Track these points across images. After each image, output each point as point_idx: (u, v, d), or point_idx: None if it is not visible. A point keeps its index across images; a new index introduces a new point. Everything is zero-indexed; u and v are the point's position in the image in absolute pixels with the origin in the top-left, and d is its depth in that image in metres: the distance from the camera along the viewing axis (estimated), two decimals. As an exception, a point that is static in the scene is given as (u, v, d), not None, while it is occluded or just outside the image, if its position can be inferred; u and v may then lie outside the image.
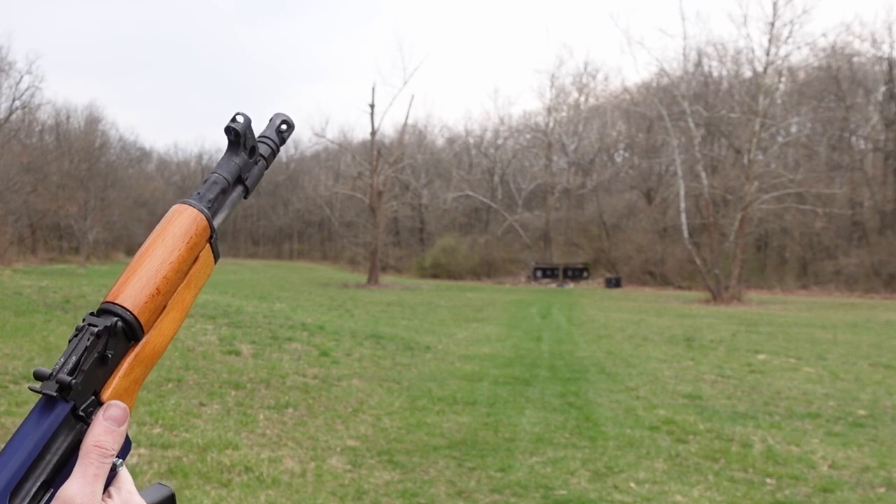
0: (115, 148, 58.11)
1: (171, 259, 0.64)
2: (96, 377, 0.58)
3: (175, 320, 0.65)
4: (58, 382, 0.56)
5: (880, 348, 13.11)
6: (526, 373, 9.66)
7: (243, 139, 0.72)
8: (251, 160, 0.73)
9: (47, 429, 0.55)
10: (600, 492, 4.97)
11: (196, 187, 0.70)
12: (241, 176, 0.73)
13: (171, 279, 0.63)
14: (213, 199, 0.69)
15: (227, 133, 0.71)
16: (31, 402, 4.14)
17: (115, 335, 0.60)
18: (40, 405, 0.56)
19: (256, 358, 9.77)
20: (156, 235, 0.65)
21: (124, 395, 0.60)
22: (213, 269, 0.70)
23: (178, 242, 0.64)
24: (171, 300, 0.64)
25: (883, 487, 5.26)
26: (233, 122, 0.71)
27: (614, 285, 36.95)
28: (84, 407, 0.57)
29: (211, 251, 0.69)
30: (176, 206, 0.67)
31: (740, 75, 34.74)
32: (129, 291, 0.61)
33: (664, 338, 14.18)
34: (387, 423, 6.66)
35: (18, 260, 36.21)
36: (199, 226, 0.66)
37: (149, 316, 0.62)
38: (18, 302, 15.61)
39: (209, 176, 0.71)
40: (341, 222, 52.17)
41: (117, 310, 0.61)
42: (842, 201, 35.35)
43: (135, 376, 0.62)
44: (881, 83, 37.96)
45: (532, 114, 53.55)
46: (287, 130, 0.77)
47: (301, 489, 4.80)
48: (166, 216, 0.66)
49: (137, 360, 0.61)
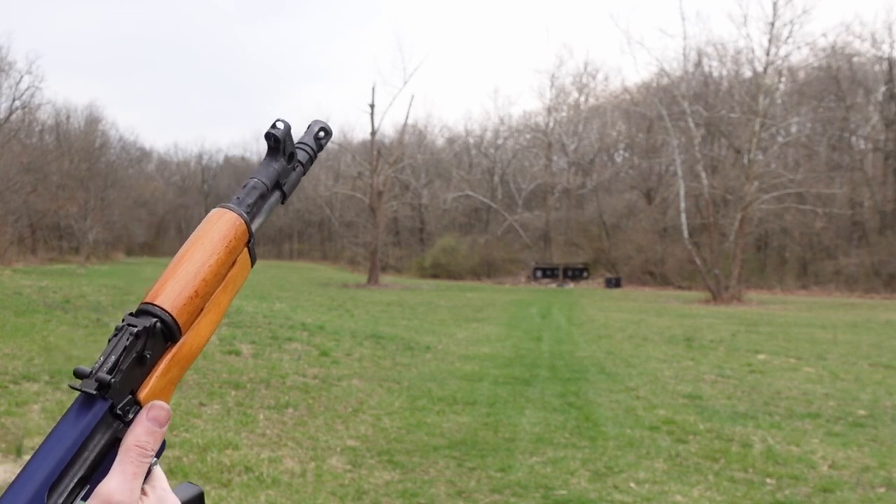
0: (115, 148, 58.11)
1: (210, 262, 0.65)
2: (134, 377, 0.59)
3: (212, 322, 0.66)
4: (97, 381, 0.56)
5: (880, 348, 13.11)
6: (526, 373, 9.66)
7: (282, 145, 0.73)
8: (289, 166, 0.74)
9: (85, 426, 0.55)
10: (600, 492, 4.97)
11: (235, 191, 0.72)
12: (279, 181, 0.74)
13: (209, 282, 0.64)
14: (252, 203, 0.70)
15: (266, 139, 0.72)
16: (31, 401, 4.18)
17: (154, 336, 0.60)
18: (79, 403, 0.57)
19: (256, 358, 9.77)
20: (195, 238, 0.66)
21: (160, 394, 0.61)
22: (249, 272, 0.71)
23: (217, 246, 0.65)
24: (209, 303, 0.65)
25: (883, 487, 5.26)
26: (273, 128, 0.72)
27: (614, 285, 36.94)
28: (121, 405, 0.58)
29: (248, 255, 0.70)
30: (216, 209, 0.68)
31: (740, 75, 34.74)
32: (168, 293, 0.62)
33: (664, 338, 14.18)
34: (387, 423, 6.66)
35: (18, 260, 36.21)
36: (238, 230, 0.67)
37: (186, 318, 0.63)
38: (18, 302, 15.61)
39: (248, 181, 0.72)
40: (341, 222, 52.17)
41: (156, 311, 0.61)
42: (842, 201, 35.34)
43: (171, 377, 0.62)
44: (881, 83, 37.95)
45: (532, 114, 53.57)
46: (325, 137, 0.78)
47: (301, 489, 4.80)
48: (206, 219, 0.67)
49: (174, 360, 0.62)
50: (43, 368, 7.99)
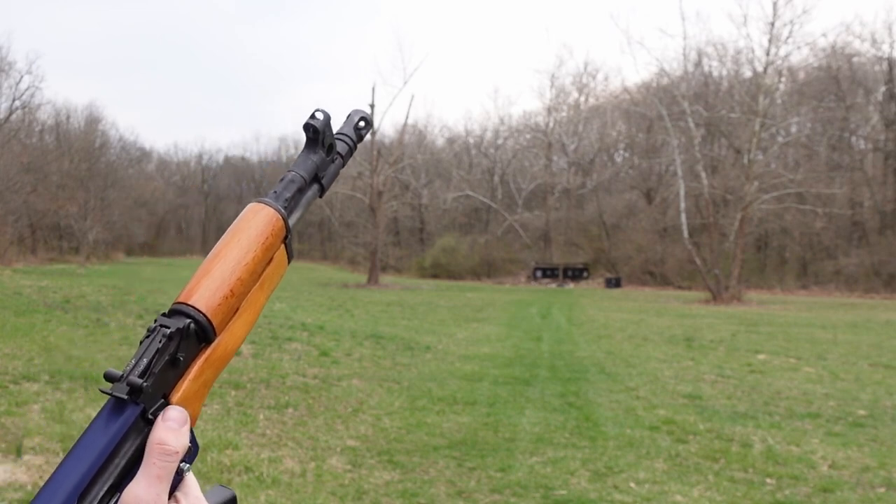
0: (115, 148, 58.09)
1: (247, 260, 0.62)
2: (167, 380, 0.57)
3: (247, 322, 0.63)
4: (129, 385, 0.54)
5: (880, 348, 13.11)
6: (526, 373, 9.66)
7: (322, 137, 0.69)
8: (328, 158, 0.71)
9: (116, 432, 0.53)
10: (600, 492, 4.97)
11: (272, 185, 0.68)
12: (317, 174, 0.71)
13: (245, 281, 0.62)
14: (290, 198, 0.67)
15: (305, 130, 0.69)
16: (31, 401, 4.18)
17: (187, 337, 0.58)
18: (109, 407, 0.55)
19: (256, 358, 9.77)
20: (230, 235, 0.63)
21: (193, 398, 0.59)
22: (286, 270, 0.68)
23: (253, 243, 0.62)
24: (244, 302, 0.63)
25: (883, 487, 5.26)
26: (312, 118, 0.69)
27: (614, 285, 36.94)
28: (153, 410, 0.56)
29: (285, 252, 0.67)
30: (252, 204, 0.65)
31: (740, 75, 34.74)
32: (203, 292, 0.59)
33: (664, 338, 14.18)
34: (387, 423, 6.66)
35: (18, 260, 36.21)
36: (276, 226, 0.64)
37: (221, 318, 0.60)
38: (18, 302, 15.61)
39: (286, 174, 0.69)
40: (341, 222, 52.14)
41: (190, 311, 0.59)
42: (842, 201, 35.35)
43: (205, 379, 0.60)
44: (881, 83, 37.96)
45: (532, 114, 53.57)
46: (365, 128, 0.75)
47: (301, 489, 4.80)
48: (241, 215, 0.64)
49: (208, 362, 0.60)
50: (43, 368, 7.98)
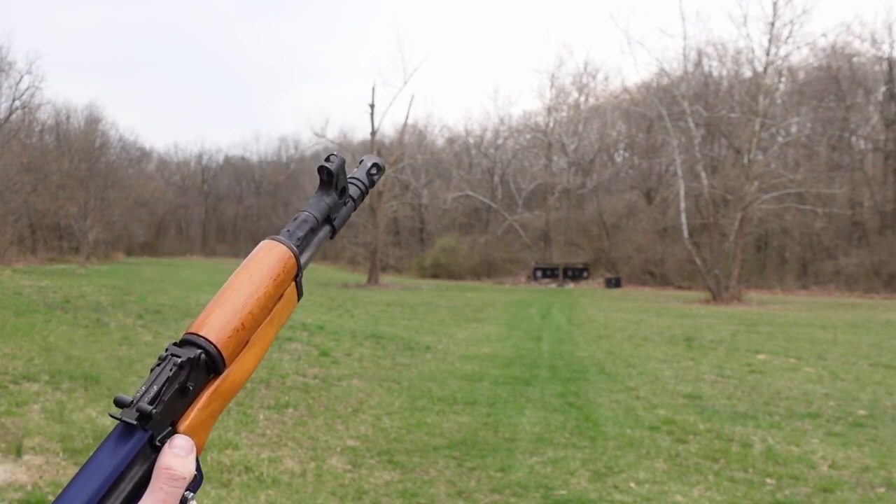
0: (115, 148, 58.10)
1: (258, 295, 0.63)
2: (175, 408, 0.58)
3: (256, 356, 0.65)
4: (138, 411, 0.55)
5: (880, 348, 13.11)
6: (526, 373, 9.66)
7: (335, 179, 0.72)
8: (341, 201, 0.74)
9: (124, 457, 0.54)
10: (600, 492, 4.97)
11: (286, 224, 0.71)
12: (329, 216, 0.73)
13: (256, 315, 0.63)
14: (303, 237, 0.70)
15: (319, 172, 0.71)
16: (31, 401, 4.17)
17: (197, 367, 0.59)
18: (118, 432, 0.55)
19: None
20: (244, 270, 0.65)
21: (201, 427, 0.60)
22: (295, 306, 0.70)
23: (265, 279, 0.64)
24: (254, 336, 0.64)
25: (883, 487, 5.26)
26: (327, 161, 0.71)
27: (614, 285, 36.94)
28: (161, 437, 0.56)
29: (295, 289, 0.69)
30: (266, 241, 0.67)
31: (740, 75, 34.75)
32: (214, 324, 0.61)
33: (664, 338, 14.18)
34: (387, 423, 6.66)
35: (18, 260, 36.21)
36: (288, 264, 0.67)
37: (231, 350, 0.61)
38: (18, 302, 15.61)
39: (299, 214, 0.71)
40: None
41: (201, 342, 0.60)
42: (842, 201, 35.35)
43: (212, 409, 0.61)
44: (881, 83, 37.96)
45: (532, 114, 53.58)
46: (377, 174, 0.78)
47: (301, 489, 4.80)
48: (256, 251, 0.66)
49: (216, 393, 0.61)
50: (43, 368, 7.98)
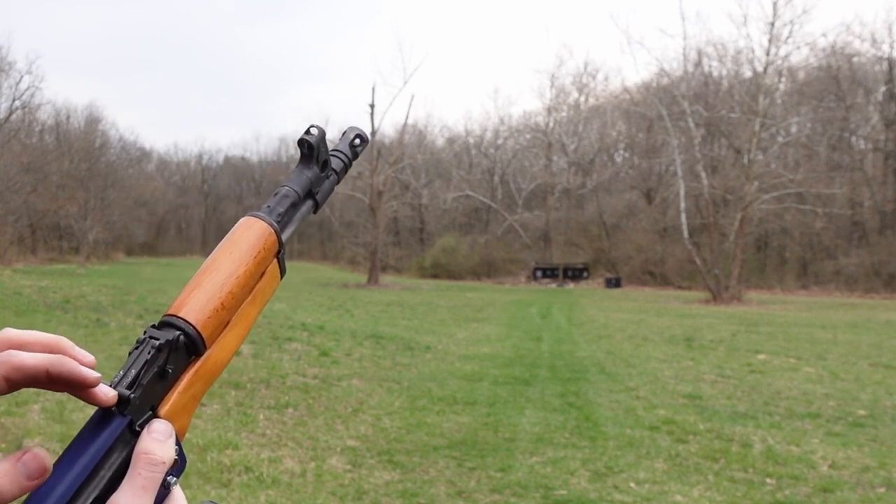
0: (115, 148, 58.14)
1: (238, 273, 0.62)
2: (155, 392, 0.56)
3: (238, 336, 0.63)
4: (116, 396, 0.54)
5: (880, 348, 13.10)
6: (526, 373, 9.66)
7: (316, 152, 0.69)
8: (323, 174, 0.72)
9: (103, 443, 0.52)
10: (600, 492, 4.97)
11: (266, 199, 0.68)
12: (311, 190, 0.71)
13: (236, 294, 0.61)
14: (283, 212, 0.68)
15: (300, 146, 0.69)
16: (31, 401, 4.16)
17: (177, 349, 0.57)
18: (96, 418, 0.54)
19: (256, 358, 9.77)
20: (223, 248, 0.63)
21: (182, 411, 0.58)
22: (278, 284, 0.68)
23: (245, 257, 0.62)
24: (236, 315, 0.62)
25: (883, 487, 5.26)
26: (307, 134, 0.69)
27: (614, 285, 36.94)
28: (141, 422, 0.55)
29: (278, 266, 0.67)
30: (245, 218, 0.65)
31: (740, 75, 34.74)
32: (193, 305, 0.59)
33: (664, 338, 14.18)
34: (387, 423, 6.66)
35: (18, 260, 36.20)
36: (268, 240, 0.64)
37: (212, 331, 0.59)
38: (18, 302, 15.61)
39: (279, 189, 0.69)
40: (341, 222, 52.14)
41: (180, 323, 0.58)
42: (842, 201, 35.35)
43: (194, 392, 0.59)
44: (881, 83, 37.96)
45: (532, 114, 53.60)
46: (360, 145, 0.75)
47: (301, 489, 4.80)
48: (235, 228, 0.64)
49: (198, 375, 0.59)
50: (43, 368, 7.98)
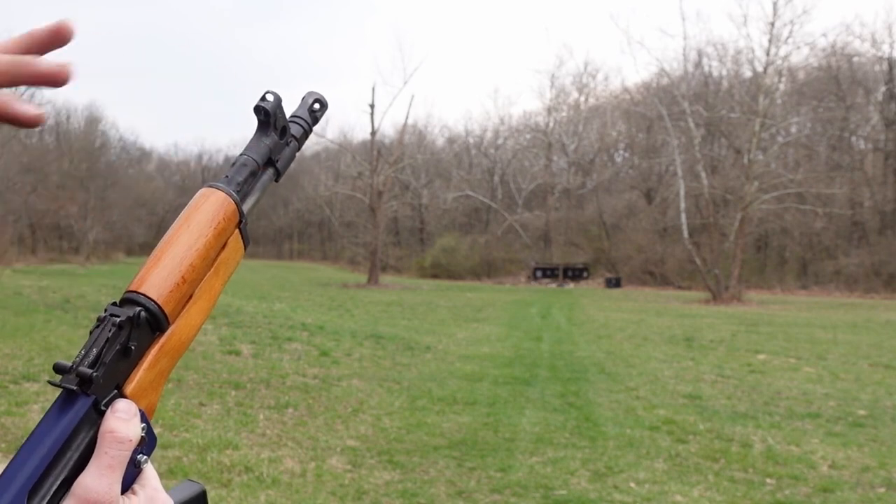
0: (115, 148, 58.13)
1: (198, 246, 0.61)
2: (119, 370, 0.55)
3: (202, 310, 0.62)
4: (78, 375, 0.52)
5: (880, 348, 13.10)
6: (526, 373, 9.66)
7: (273, 119, 0.68)
8: (282, 141, 0.70)
9: (67, 424, 0.52)
10: (600, 492, 4.97)
11: (223, 170, 0.67)
12: (271, 158, 0.69)
13: (197, 267, 0.61)
14: (242, 181, 0.66)
15: (256, 112, 0.68)
16: (31, 401, 4.16)
17: (139, 326, 0.56)
18: (60, 400, 0.53)
19: (256, 358, 9.77)
20: (181, 221, 0.62)
21: (149, 388, 0.58)
22: (242, 255, 0.67)
23: (204, 228, 0.61)
24: (199, 289, 0.61)
25: (883, 487, 5.26)
26: (262, 100, 0.67)
27: (614, 285, 36.93)
28: (106, 401, 0.54)
29: (241, 237, 0.66)
30: (202, 189, 0.63)
31: (740, 75, 34.74)
32: (153, 280, 0.58)
33: (664, 338, 14.18)
34: (387, 423, 6.66)
35: (18, 260, 36.17)
36: (228, 210, 0.63)
37: (174, 305, 0.59)
38: (18, 302, 15.61)
39: (237, 158, 0.68)
40: (341, 222, 52.14)
41: (140, 299, 0.57)
42: (842, 201, 35.34)
43: (160, 368, 0.59)
44: (881, 83, 37.95)
45: (532, 114, 53.54)
46: (320, 110, 0.74)
47: (301, 489, 4.80)
48: (192, 201, 0.63)
49: (163, 351, 0.59)
50: (43, 368, 7.98)
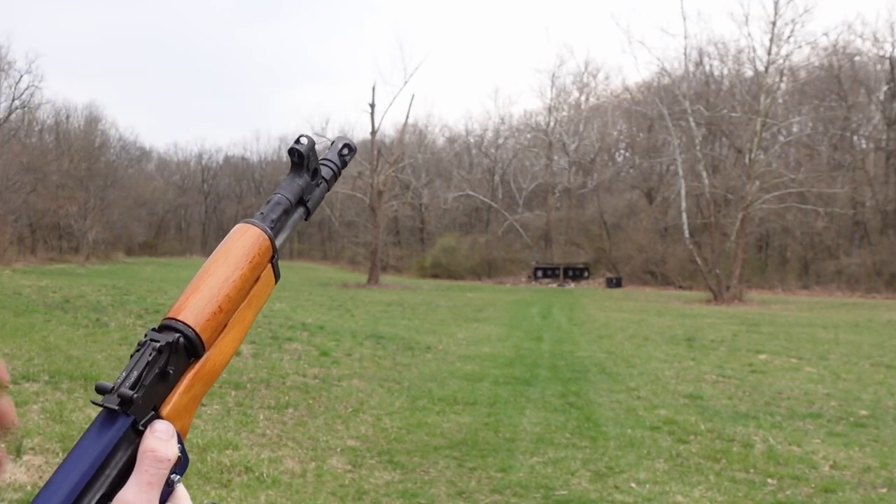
0: (115, 148, 58.14)
1: (234, 278, 0.64)
2: (157, 392, 0.58)
3: (235, 339, 0.65)
4: (119, 396, 0.55)
5: (882, 348, 13.08)
6: (526, 373, 9.65)
7: (307, 161, 0.72)
8: (313, 182, 0.74)
9: (108, 442, 0.54)
10: (601, 492, 4.95)
11: (259, 207, 0.71)
12: (303, 197, 0.74)
13: (233, 298, 0.63)
14: (276, 219, 0.70)
15: (290, 154, 0.72)
16: (31, 401, 4.15)
17: (177, 352, 0.59)
18: (101, 419, 0.56)
19: (256, 358, 9.76)
20: (219, 253, 0.65)
21: (183, 411, 0.60)
22: (273, 289, 0.70)
23: (241, 261, 0.65)
24: (232, 319, 0.64)
25: (885, 488, 5.24)
26: (297, 143, 0.71)
27: (615, 285, 36.91)
28: (144, 421, 0.57)
29: (272, 271, 0.69)
30: (239, 225, 0.67)
31: (741, 74, 34.71)
32: (192, 308, 0.61)
33: (665, 338, 14.16)
34: (387, 423, 6.65)
35: (18, 260, 36.16)
36: (263, 245, 0.66)
37: (210, 334, 0.62)
38: (18, 302, 15.60)
39: (272, 196, 0.72)
40: (341, 222, 52.15)
41: (179, 326, 0.60)
42: (843, 201, 35.30)
43: (194, 393, 0.62)
44: (883, 82, 37.92)
45: (533, 113, 53.59)
46: (349, 154, 0.78)
47: (301, 489, 4.78)
48: (230, 235, 0.67)
49: (197, 377, 0.61)
50: (43, 368, 7.97)
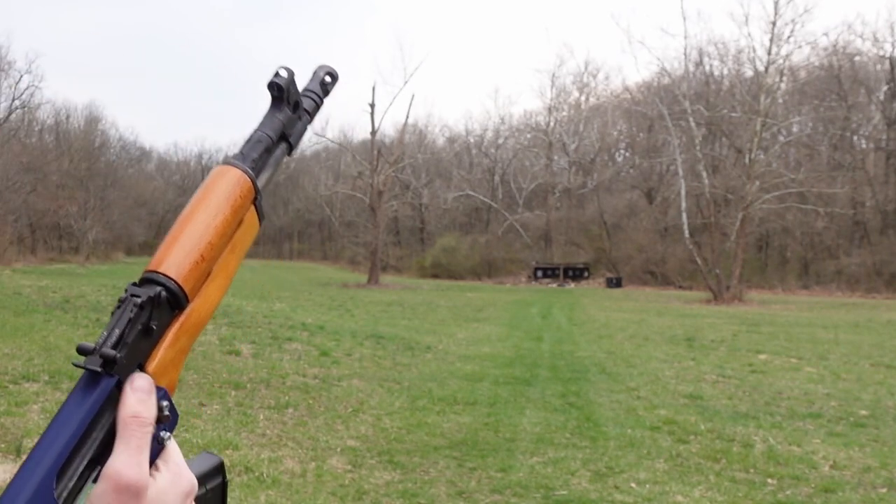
0: (115, 148, 58.15)
1: (216, 223, 0.61)
2: (141, 349, 0.56)
3: (220, 287, 0.62)
4: (102, 357, 0.53)
5: (882, 348, 13.08)
6: (526, 373, 9.65)
7: (287, 94, 0.68)
8: (295, 115, 0.70)
9: (92, 405, 0.52)
10: (601, 492, 4.95)
11: (238, 146, 0.67)
12: (284, 133, 0.70)
13: (215, 244, 0.61)
14: (257, 158, 0.66)
15: (269, 89, 0.68)
16: (31, 401, 4.14)
17: (160, 305, 0.57)
18: (84, 381, 0.53)
19: (256, 358, 9.76)
20: (197, 199, 0.61)
21: (170, 365, 0.58)
22: (258, 231, 0.67)
23: (221, 205, 0.61)
24: (216, 266, 0.62)
25: (885, 488, 5.24)
26: (276, 76, 0.68)
27: (615, 285, 36.91)
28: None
29: (256, 213, 0.66)
30: (218, 167, 0.64)
31: (741, 74, 34.70)
32: (173, 259, 0.58)
33: (665, 338, 14.16)
34: (387, 423, 6.65)
35: (18, 260, 36.16)
36: (244, 187, 0.63)
37: (193, 284, 0.59)
38: (18, 302, 15.60)
39: (252, 134, 0.68)
40: (341, 222, 52.18)
41: (160, 279, 0.57)
42: (843, 201, 35.30)
43: (180, 346, 0.59)
44: (883, 82, 37.91)
45: (533, 113, 53.57)
46: (331, 83, 0.74)
47: (301, 489, 4.78)
48: (208, 178, 0.63)
49: (182, 329, 0.59)
50: (43, 368, 7.96)
